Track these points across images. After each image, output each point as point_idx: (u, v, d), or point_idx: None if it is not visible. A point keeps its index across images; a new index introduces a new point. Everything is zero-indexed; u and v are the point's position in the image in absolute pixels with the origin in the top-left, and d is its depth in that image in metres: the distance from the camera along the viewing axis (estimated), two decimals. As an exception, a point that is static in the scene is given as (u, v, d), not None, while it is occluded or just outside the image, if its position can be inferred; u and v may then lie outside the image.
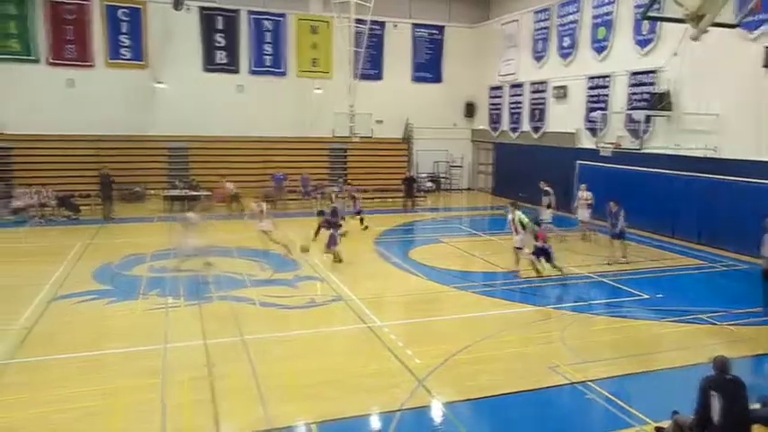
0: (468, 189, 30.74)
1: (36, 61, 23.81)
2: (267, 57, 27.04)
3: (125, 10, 24.74)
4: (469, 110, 30.54)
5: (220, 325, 10.17)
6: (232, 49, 26.41)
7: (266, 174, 24.72)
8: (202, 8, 25.65)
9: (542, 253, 13.43)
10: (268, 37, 26.95)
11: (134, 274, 13.29)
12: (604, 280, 13.44)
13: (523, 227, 13.70)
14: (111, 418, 6.99)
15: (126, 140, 24.30)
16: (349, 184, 22.47)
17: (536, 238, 13.40)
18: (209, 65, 26.19)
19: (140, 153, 24.54)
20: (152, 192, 23.43)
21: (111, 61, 24.80)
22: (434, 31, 29.61)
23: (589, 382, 7.97)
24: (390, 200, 24.66)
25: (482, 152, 30.51)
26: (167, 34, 24.86)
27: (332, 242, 14.39)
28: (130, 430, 6.77)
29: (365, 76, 27.26)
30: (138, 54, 25.04)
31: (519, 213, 14.08)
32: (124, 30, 24.86)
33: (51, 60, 24.03)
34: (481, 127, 30.16)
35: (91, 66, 24.51)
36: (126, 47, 24.95)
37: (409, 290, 12.67)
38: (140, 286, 12.35)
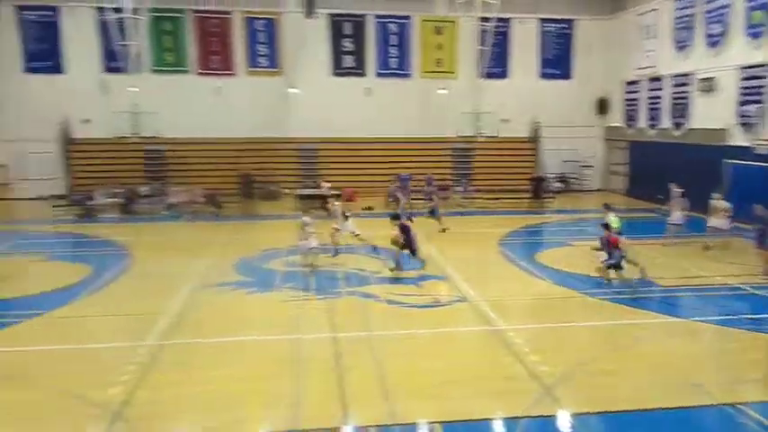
0: (600, 190, 29.10)
1: (187, 72, 26.32)
2: (392, 59, 27.61)
3: (262, 21, 26.53)
4: (602, 106, 28.93)
5: (348, 319, 10.55)
6: (359, 53, 27.29)
7: (392, 174, 25.19)
8: (331, 15, 26.75)
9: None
10: (393, 40, 27.51)
11: (270, 268, 14.17)
12: (758, 293, 12.09)
13: (609, 230, 12.77)
14: (249, 401, 7.52)
15: (263, 142, 26.04)
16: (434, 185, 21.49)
17: (608, 242, 12.15)
18: (338, 69, 27.27)
19: (275, 154, 26.24)
20: (286, 191, 24.84)
21: (250, 69, 26.73)
22: (564, 26, 28.43)
23: (740, 405, 7.23)
24: (516, 200, 24.02)
25: (615, 151, 28.74)
26: (299, 42, 26.22)
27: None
28: (266, 414, 7.26)
29: (490, 75, 26.91)
30: (274, 62, 26.73)
31: (610, 216, 13.22)
32: (261, 39, 26.68)
33: (199, 71, 26.41)
34: (615, 124, 28.44)
35: (233, 74, 26.59)
36: (263, 55, 26.75)
37: (536, 294, 12.30)
38: (276, 279, 13.16)
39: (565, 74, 28.69)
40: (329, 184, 22.36)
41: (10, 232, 18.87)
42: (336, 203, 16.83)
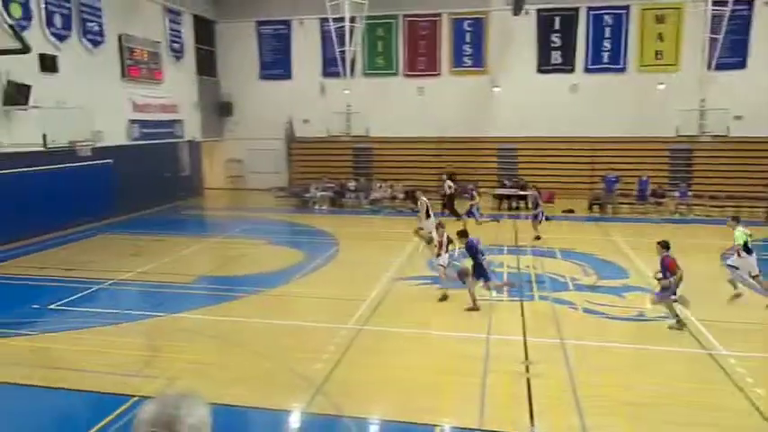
0: None
1: (395, 74, 27.66)
2: (605, 53, 25.78)
3: (470, 21, 26.75)
4: None
5: (540, 324, 10.18)
6: (567, 49, 26.01)
7: (596, 175, 23.69)
8: (540, 10, 25.89)
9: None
10: (607, 32, 25.67)
11: (461, 266, 14.24)
12: None
13: (745, 248, 10.52)
14: (436, 393, 7.67)
15: (463, 141, 26.32)
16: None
17: (665, 266, 9.70)
18: (544, 66, 26.29)
19: (475, 153, 26.31)
20: (483, 190, 24.78)
21: (454, 69, 27.13)
22: (830, 1, 23.79)
23: None
24: (749, 209, 20.80)
25: None
26: (505, 40, 25.89)
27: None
28: (451, 408, 7.32)
29: (723, 66, 23.65)
30: (479, 61, 26.76)
31: (739, 230, 10.80)
32: (467, 39, 26.89)
33: (406, 72, 27.58)
34: None
35: (437, 75, 27.25)
36: (468, 55, 26.96)
37: (766, 318, 10.55)
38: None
39: (826, 59, 24.04)
40: (451, 182, 21.33)
41: (242, 219, 21.86)
42: (423, 199, 16.10)
